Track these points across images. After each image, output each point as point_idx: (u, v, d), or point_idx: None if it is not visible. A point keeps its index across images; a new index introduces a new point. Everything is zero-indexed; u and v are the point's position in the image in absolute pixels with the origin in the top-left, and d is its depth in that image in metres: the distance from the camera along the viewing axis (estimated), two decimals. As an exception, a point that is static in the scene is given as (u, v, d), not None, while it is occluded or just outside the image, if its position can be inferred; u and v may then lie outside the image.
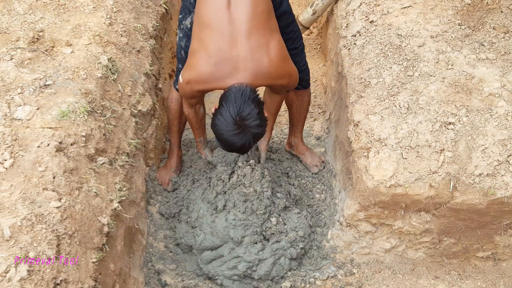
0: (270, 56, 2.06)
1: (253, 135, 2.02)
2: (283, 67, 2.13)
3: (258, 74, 2.04)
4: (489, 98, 2.30)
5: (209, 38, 2.05)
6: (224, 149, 2.14)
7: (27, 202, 1.72)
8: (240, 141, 2.01)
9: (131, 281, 2.21)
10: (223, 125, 2.00)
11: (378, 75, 2.49)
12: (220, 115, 2.01)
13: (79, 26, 2.46)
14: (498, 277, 2.46)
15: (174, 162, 2.82)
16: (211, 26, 2.07)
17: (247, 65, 2.02)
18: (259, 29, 2.06)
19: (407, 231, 2.38)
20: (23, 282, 1.53)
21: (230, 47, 2.02)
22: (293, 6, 4.10)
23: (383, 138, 2.25)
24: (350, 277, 2.49)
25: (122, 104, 2.37)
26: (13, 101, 2.03)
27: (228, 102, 1.99)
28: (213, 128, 2.07)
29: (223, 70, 2.03)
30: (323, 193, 2.82)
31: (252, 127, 2.00)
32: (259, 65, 2.04)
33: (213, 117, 2.06)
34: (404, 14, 2.73)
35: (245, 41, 2.03)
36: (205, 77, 2.07)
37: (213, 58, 2.03)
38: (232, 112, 1.97)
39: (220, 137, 2.05)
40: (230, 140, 2.02)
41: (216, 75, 2.04)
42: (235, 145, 2.04)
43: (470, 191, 2.14)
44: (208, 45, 2.05)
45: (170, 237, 2.61)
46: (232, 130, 1.99)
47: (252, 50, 2.03)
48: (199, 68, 2.07)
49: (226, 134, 2.01)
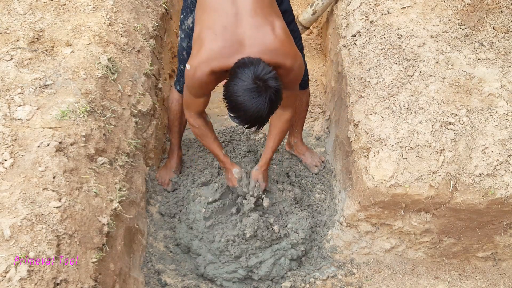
0: (276, 33, 2.02)
1: (272, 93, 1.88)
2: (288, 45, 2.07)
3: (264, 50, 1.98)
4: (489, 98, 2.30)
5: (213, 19, 2.02)
6: (239, 119, 1.95)
7: (27, 202, 1.72)
8: (259, 99, 1.86)
9: (131, 281, 2.21)
10: (239, 86, 1.86)
11: (378, 75, 2.49)
12: (236, 78, 1.88)
13: (79, 26, 2.46)
14: (498, 277, 2.46)
15: (175, 163, 2.82)
16: (214, 8, 2.04)
17: (253, 41, 1.98)
18: (263, 9, 2.04)
19: (407, 231, 2.38)
20: (23, 282, 1.53)
21: (235, 25, 1.99)
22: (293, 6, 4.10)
23: (383, 138, 2.25)
24: (350, 277, 2.48)
25: (122, 104, 2.37)
26: (13, 101, 2.03)
27: (241, 67, 1.89)
28: (227, 94, 1.92)
29: (230, 47, 1.97)
30: (323, 193, 2.82)
31: (271, 84, 1.87)
32: (265, 41, 2.00)
33: (226, 84, 1.93)
34: (404, 14, 2.73)
35: (250, 19, 2.00)
36: (214, 54, 1.99)
37: (219, 35, 1.99)
38: (247, 72, 1.86)
39: (236, 101, 1.88)
40: (247, 101, 1.86)
41: (224, 51, 1.98)
42: (253, 107, 1.87)
43: (470, 191, 2.14)
44: (212, 25, 2.01)
45: (170, 237, 2.60)
46: (251, 89, 1.85)
47: (258, 27, 2.00)
48: (207, 46, 2.00)
49: (243, 94, 1.86)
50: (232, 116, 1.96)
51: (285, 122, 2.38)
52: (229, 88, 1.91)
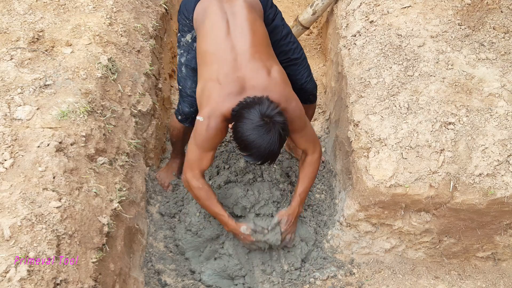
0: (273, 75, 2.13)
1: (280, 127, 1.96)
2: (283, 88, 2.15)
3: (262, 91, 2.06)
4: (489, 98, 2.30)
5: (215, 70, 2.12)
6: (253, 157, 2.02)
7: (27, 202, 1.72)
8: (269, 135, 1.95)
9: (131, 281, 2.21)
10: (247, 125, 1.95)
11: (378, 75, 2.49)
12: (244, 119, 1.97)
13: (79, 26, 2.46)
14: (498, 277, 2.46)
15: (176, 166, 2.83)
16: (214, 59, 2.14)
17: (252, 83, 2.08)
18: (260, 53, 2.15)
19: (407, 231, 2.38)
20: (23, 282, 1.53)
21: (235, 70, 2.09)
22: (293, 6, 4.12)
23: (383, 138, 2.25)
24: (350, 277, 2.49)
25: (122, 104, 2.37)
26: (13, 101, 2.03)
27: (246, 107, 1.98)
28: (237, 135, 2.00)
29: (233, 90, 2.07)
30: (323, 193, 2.82)
31: (277, 120, 1.96)
32: (264, 83, 2.09)
33: (235, 126, 2.02)
34: (404, 14, 2.73)
35: (248, 64, 2.11)
36: (222, 100, 2.08)
37: (223, 83, 2.09)
38: (254, 111, 1.95)
39: (247, 140, 1.97)
40: (258, 138, 1.95)
41: (230, 94, 2.07)
42: (265, 143, 1.95)
43: (470, 191, 2.14)
44: (216, 76, 2.11)
45: (170, 237, 2.60)
46: (260, 126, 1.94)
47: (256, 71, 2.11)
48: (214, 95, 2.10)
49: (253, 133, 1.95)
50: (245, 155, 2.05)
51: (311, 164, 2.37)
52: (238, 129, 1.99)
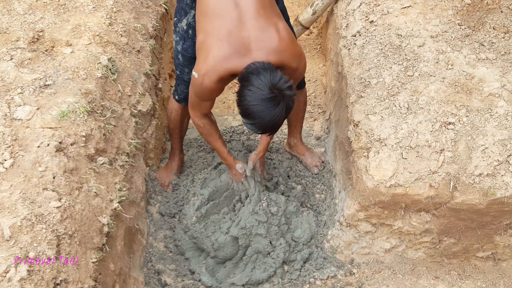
0: (280, 34, 2.02)
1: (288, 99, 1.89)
2: (293, 46, 2.07)
3: (271, 52, 1.98)
4: (489, 98, 2.30)
5: (217, 25, 2.01)
6: (255, 127, 1.94)
7: (27, 202, 1.72)
8: (277, 109, 1.85)
9: (131, 281, 2.21)
10: (255, 95, 1.84)
11: (378, 75, 2.49)
12: (251, 86, 1.86)
13: (79, 26, 2.46)
14: (498, 277, 2.46)
15: (176, 165, 2.82)
16: (216, 14, 2.03)
17: (259, 44, 1.98)
18: (266, 11, 2.04)
19: (407, 231, 2.38)
20: (23, 282, 1.53)
21: (239, 29, 1.98)
22: (293, 6, 4.12)
23: (383, 138, 2.25)
24: (350, 277, 2.48)
25: (122, 104, 2.37)
26: (13, 101, 2.03)
27: (255, 74, 1.87)
28: (242, 103, 1.90)
29: (236, 51, 1.97)
30: (323, 193, 2.82)
31: (286, 91, 1.86)
32: (271, 43, 1.99)
33: (241, 92, 1.90)
34: (404, 14, 2.73)
35: (253, 22, 1.99)
36: (221, 60, 1.98)
37: (225, 41, 1.98)
38: (264, 80, 1.84)
39: (253, 110, 1.87)
40: (264, 110, 1.85)
41: (231, 56, 1.97)
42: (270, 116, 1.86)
43: (470, 191, 2.14)
44: (216, 31, 2.01)
45: (170, 237, 2.61)
46: (268, 98, 1.83)
47: (262, 30, 2.00)
48: (213, 52, 2.00)
49: (260, 104, 1.84)
50: (247, 123, 1.96)
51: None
52: (245, 97, 1.89)
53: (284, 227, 2.51)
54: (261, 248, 2.47)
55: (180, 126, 2.69)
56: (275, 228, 2.47)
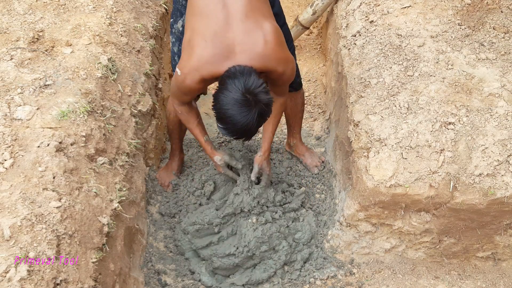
0: (266, 38, 1.97)
1: (262, 107, 1.87)
2: (279, 51, 2.04)
3: (255, 56, 1.96)
4: (489, 98, 2.30)
5: (203, 24, 1.99)
6: (227, 131, 1.94)
7: (27, 202, 1.72)
8: (249, 115, 1.85)
9: (131, 281, 2.21)
10: (228, 99, 1.84)
11: (378, 75, 2.49)
12: (225, 90, 1.86)
13: (79, 26, 2.46)
14: (498, 277, 2.46)
15: (176, 165, 2.82)
16: (204, 13, 2.01)
17: (243, 47, 1.95)
18: (254, 12, 2.01)
19: (407, 231, 2.38)
20: (23, 282, 1.53)
21: (225, 30, 1.96)
22: (293, 6, 4.12)
23: (383, 138, 2.25)
24: (350, 277, 2.48)
25: (122, 104, 2.37)
26: (13, 101, 2.03)
27: (231, 78, 1.86)
28: (216, 106, 1.91)
29: (220, 53, 1.95)
30: (323, 193, 2.82)
31: (261, 98, 1.85)
32: (256, 47, 1.97)
33: (216, 95, 1.91)
34: (404, 14, 2.73)
35: (240, 24, 1.96)
36: (204, 61, 1.97)
37: (209, 42, 1.96)
38: (238, 84, 1.83)
39: (225, 114, 1.87)
40: (236, 115, 1.85)
41: (214, 58, 1.95)
42: (242, 122, 1.86)
43: (470, 191, 2.14)
44: (202, 31, 1.98)
45: (170, 237, 2.61)
46: (241, 102, 1.83)
47: (248, 33, 1.97)
48: (197, 52, 1.98)
49: (232, 108, 1.84)
50: (220, 127, 1.96)
51: (280, 105, 2.35)
52: (218, 100, 1.89)
53: (285, 230, 2.51)
54: (264, 255, 2.48)
55: (179, 127, 2.69)
56: (276, 234, 2.47)
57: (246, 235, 2.41)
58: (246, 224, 2.43)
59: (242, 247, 2.41)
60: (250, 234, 2.41)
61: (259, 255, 2.45)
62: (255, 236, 2.41)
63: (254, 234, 2.41)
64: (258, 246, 2.42)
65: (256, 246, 2.42)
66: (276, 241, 2.47)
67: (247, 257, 2.43)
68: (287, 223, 2.53)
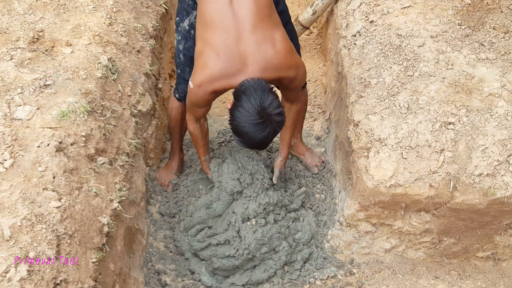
0: (277, 47, 2.05)
1: (276, 124, 1.98)
2: (290, 58, 2.11)
3: (267, 67, 2.02)
4: (489, 98, 2.30)
5: (215, 36, 2.04)
6: (244, 144, 2.08)
7: (27, 202, 1.72)
8: (264, 133, 1.97)
9: (131, 281, 2.21)
10: (244, 117, 1.95)
11: (378, 75, 2.49)
12: (241, 107, 1.95)
13: (79, 26, 2.46)
14: (498, 277, 2.46)
15: (176, 164, 2.82)
16: (215, 25, 2.05)
17: (255, 58, 2.01)
18: (263, 22, 2.05)
19: (407, 231, 2.38)
20: (23, 282, 1.53)
21: (236, 42, 2.01)
22: (293, 6, 4.12)
23: (383, 138, 2.25)
24: (350, 277, 2.49)
25: (122, 104, 2.37)
26: (13, 101, 2.03)
27: (246, 94, 1.94)
28: (232, 122, 2.02)
29: (233, 66, 2.01)
30: (323, 193, 2.82)
31: (275, 117, 1.96)
32: (267, 58, 2.02)
33: (232, 111, 2.00)
34: (404, 14, 2.73)
35: (250, 35, 2.01)
36: (217, 75, 2.03)
37: (222, 55, 2.01)
38: (254, 103, 1.92)
39: (242, 131, 1.99)
40: (253, 133, 1.97)
41: (227, 72, 2.01)
42: (258, 138, 1.98)
43: (470, 191, 2.14)
44: (214, 43, 2.03)
45: (170, 237, 2.61)
46: (255, 120, 1.94)
47: (259, 44, 2.02)
48: (210, 66, 2.04)
49: (248, 126, 1.96)
50: (237, 140, 2.08)
51: (295, 113, 2.45)
52: (234, 117, 1.99)
53: (286, 231, 2.51)
54: (264, 256, 2.47)
55: (181, 124, 2.70)
56: (277, 235, 2.47)
57: (246, 237, 2.41)
58: (245, 227, 2.42)
59: (242, 250, 2.40)
60: (250, 236, 2.40)
61: (259, 256, 2.44)
62: (255, 238, 2.40)
63: (254, 236, 2.40)
64: (258, 248, 2.42)
65: (256, 248, 2.41)
66: (277, 242, 2.46)
67: (247, 259, 2.43)
68: (287, 223, 2.53)
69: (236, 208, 2.45)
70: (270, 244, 2.44)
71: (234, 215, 2.45)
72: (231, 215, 2.46)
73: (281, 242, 2.47)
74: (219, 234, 2.47)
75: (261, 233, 2.41)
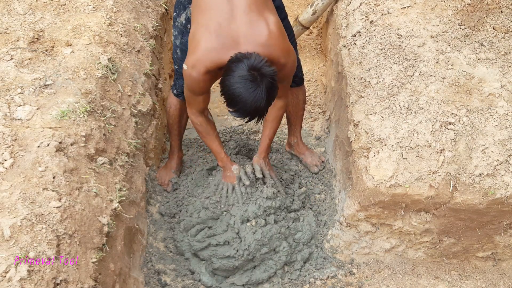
0: (270, 28, 2.04)
1: (268, 81, 1.89)
2: (282, 41, 2.09)
3: (259, 46, 2.00)
4: (489, 98, 2.30)
5: (208, 17, 2.04)
6: (238, 113, 1.95)
7: (27, 202, 1.72)
8: (257, 92, 1.86)
9: (131, 281, 2.21)
10: (235, 78, 1.87)
11: (378, 75, 2.49)
12: (231, 71, 1.89)
13: (79, 26, 2.46)
14: (498, 277, 2.46)
15: (175, 163, 2.82)
16: (209, 7, 2.06)
17: (247, 38, 2.00)
18: (257, 6, 2.06)
19: (407, 231, 2.38)
20: (23, 282, 1.53)
21: (229, 22, 2.01)
22: (293, 6, 4.12)
23: (383, 138, 2.25)
24: (350, 277, 2.49)
25: (122, 104, 2.37)
26: (13, 101, 2.03)
27: (236, 61, 1.90)
28: (223, 89, 1.93)
29: (224, 43, 1.99)
30: (323, 193, 2.82)
31: (265, 71, 1.87)
32: (259, 37, 2.01)
33: (222, 79, 1.94)
34: (404, 14, 2.73)
35: (244, 16, 2.01)
36: (209, 53, 2.01)
37: (214, 33, 2.01)
38: (242, 66, 1.86)
39: (234, 94, 1.88)
40: (245, 94, 1.86)
41: (218, 50, 2.00)
42: (250, 100, 1.87)
43: (470, 191, 2.14)
44: (207, 23, 2.03)
45: (170, 237, 2.61)
46: (247, 79, 1.85)
47: (252, 24, 2.02)
48: (202, 45, 2.02)
49: (239, 87, 1.86)
50: (231, 111, 1.97)
51: (279, 108, 2.41)
52: (225, 83, 1.92)
53: (286, 231, 2.51)
54: (264, 257, 2.47)
55: (179, 121, 2.69)
56: (277, 235, 2.47)
57: (245, 238, 2.41)
58: (245, 228, 2.42)
59: (242, 250, 2.40)
60: (249, 237, 2.40)
61: (259, 257, 2.44)
62: (255, 239, 2.40)
63: (254, 237, 2.40)
64: (258, 248, 2.41)
65: (256, 248, 2.41)
66: (277, 242, 2.46)
67: (247, 260, 2.43)
68: (287, 223, 2.53)
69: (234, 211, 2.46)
70: (270, 244, 2.44)
71: (232, 217, 2.45)
72: (229, 217, 2.46)
73: (281, 242, 2.47)
74: (218, 234, 2.47)
75: (261, 233, 2.40)
